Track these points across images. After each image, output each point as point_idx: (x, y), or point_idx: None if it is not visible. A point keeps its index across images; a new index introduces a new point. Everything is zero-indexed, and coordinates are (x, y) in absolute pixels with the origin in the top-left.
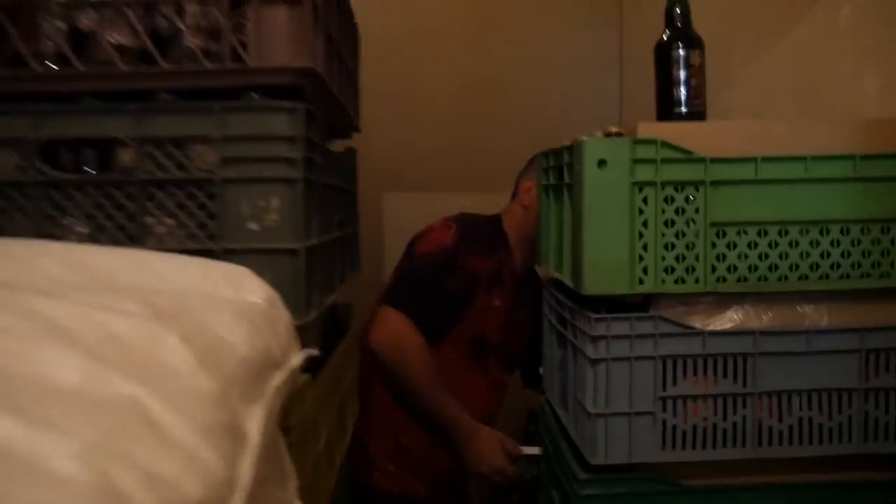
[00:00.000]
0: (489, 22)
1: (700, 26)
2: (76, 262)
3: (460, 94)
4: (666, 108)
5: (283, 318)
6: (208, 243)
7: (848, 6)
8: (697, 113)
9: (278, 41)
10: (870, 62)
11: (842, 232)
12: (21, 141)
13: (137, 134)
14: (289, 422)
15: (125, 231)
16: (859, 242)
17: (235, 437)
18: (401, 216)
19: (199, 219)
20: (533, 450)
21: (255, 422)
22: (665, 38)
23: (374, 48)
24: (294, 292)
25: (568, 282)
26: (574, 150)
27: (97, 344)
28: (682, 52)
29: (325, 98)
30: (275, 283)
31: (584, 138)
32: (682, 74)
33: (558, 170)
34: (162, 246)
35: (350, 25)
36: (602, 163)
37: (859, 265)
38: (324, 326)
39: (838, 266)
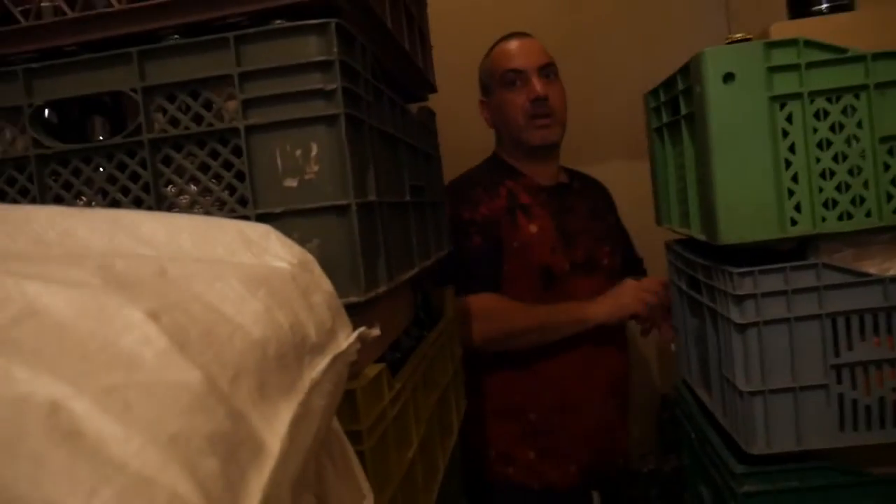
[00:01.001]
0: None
1: None
2: (44, 229)
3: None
4: (800, 6)
5: (322, 286)
6: (240, 209)
7: None
8: (842, 6)
9: None
10: None
11: None
12: (14, 110)
13: (142, 84)
14: (359, 424)
15: (143, 205)
16: None
17: (239, 449)
18: None
19: (227, 181)
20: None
21: (278, 426)
22: None
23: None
24: (349, 261)
25: (698, 234)
26: (691, 67)
27: (7, 324)
28: None
29: (371, 24)
30: (325, 251)
31: (705, 49)
32: None
33: (672, 103)
34: None
35: None
36: (729, 77)
37: None
38: (410, 312)
39: None
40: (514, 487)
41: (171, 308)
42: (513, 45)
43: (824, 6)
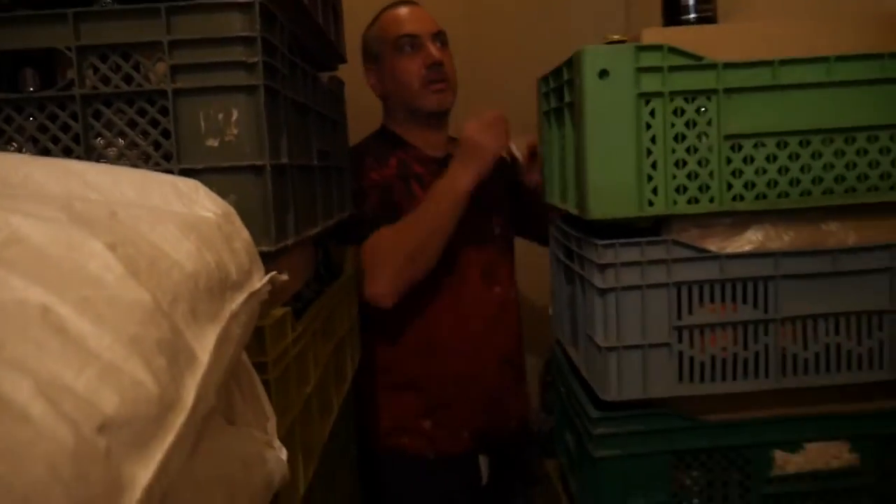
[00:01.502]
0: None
1: None
2: (8, 173)
3: (454, 25)
4: (672, 14)
5: (241, 235)
6: (164, 164)
7: None
8: (707, 18)
9: None
10: None
11: (869, 140)
12: None
13: (77, 43)
14: (266, 356)
15: (72, 154)
16: (889, 151)
17: (178, 355)
18: None
19: (153, 137)
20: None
21: (206, 343)
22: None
23: None
24: (262, 215)
25: (573, 209)
26: (573, 62)
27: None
28: None
29: (292, 9)
30: (240, 205)
31: (584, 47)
32: None
33: (558, 91)
34: None
35: None
36: (604, 73)
37: (889, 175)
38: (312, 265)
39: (866, 178)
40: (408, 458)
41: (124, 242)
42: (404, 10)
43: (692, 16)
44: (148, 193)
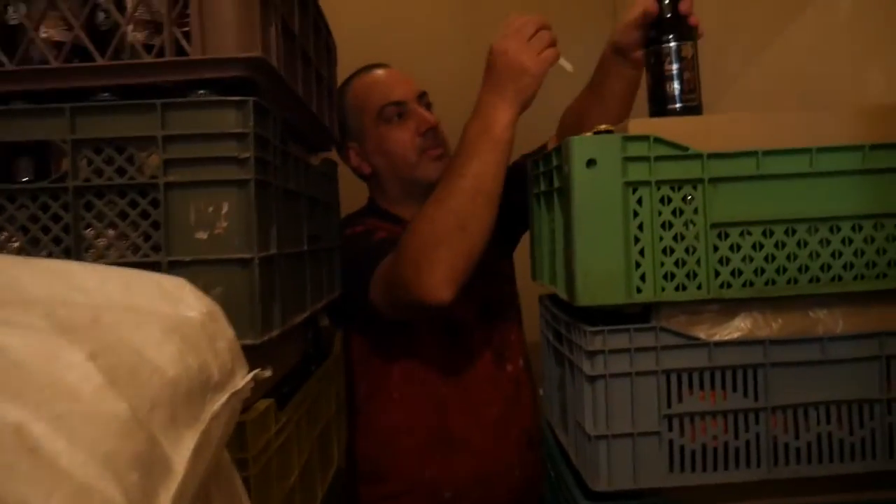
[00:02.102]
0: (477, 19)
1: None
2: None
3: (450, 97)
4: (658, 105)
5: (226, 334)
6: (153, 255)
7: (847, 1)
8: (692, 108)
9: (225, 30)
10: (871, 54)
11: (853, 229)
12: None
13: (73, 136)
14: (247, 453)
15: (61, 244)
16: (873, 240)
17: (153, 468)
18: None
19: (143, 229)
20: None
21: (183, 450)
22: (654, 30)
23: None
24: (248, 308)
25: (562, 294)
26: (562, 150)
27: None
28: (672, 44)
29: (284, 96)
30: (227, 297)
31: (572, 138)
32: (675, 68)
33: (548, 175)
34: (102, 260)
35: (320, 30)
36: (591, 162)
37: (874, 264)
38: (300, 349)
39: (851, 266)
40: None
41: (105, 350)
42: (380, 74)
43: (678, 106)
44: (133, 293)
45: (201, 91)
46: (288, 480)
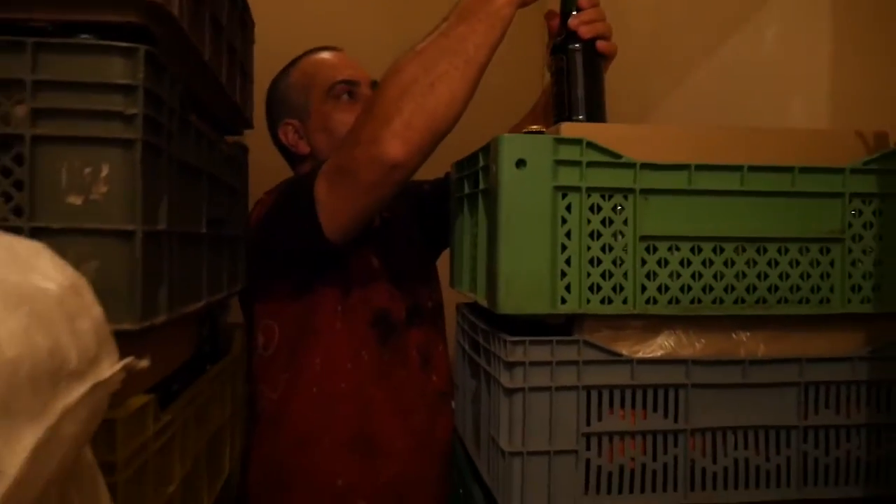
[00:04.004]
0: (405, 20)
1: (630, 44)
2: None
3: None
4: (560, 112)
5: (91, 312)
6: (12, 219)
7: (772, 30)
8: (596, 119)
9: None
10: (793, 83)
11: (780, 251)
12: None
13: None
14: (115, 456)
15: None
16: (798, 263)
17: None
18: None
19: (2, 188)
20: None
21: (19, 449)
22: (560, 40)
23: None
24: (126, 287)
25: (482, 301)
26: (490, 149)
27: None
28: (578, 54)
29: (186, 55)
30: (102, 274)
31: (501, 136)
32: (580, 78)
33: (473, 177)
34: None
35: (236, 1)
36: (521, 163)
37: (798, 288)
38: (193, 345)
39: (776, 289)
40: None
41: None
42: (332, 55)
43: (581, 116)
44: None
45: (85, 35)
46: (167, 488)
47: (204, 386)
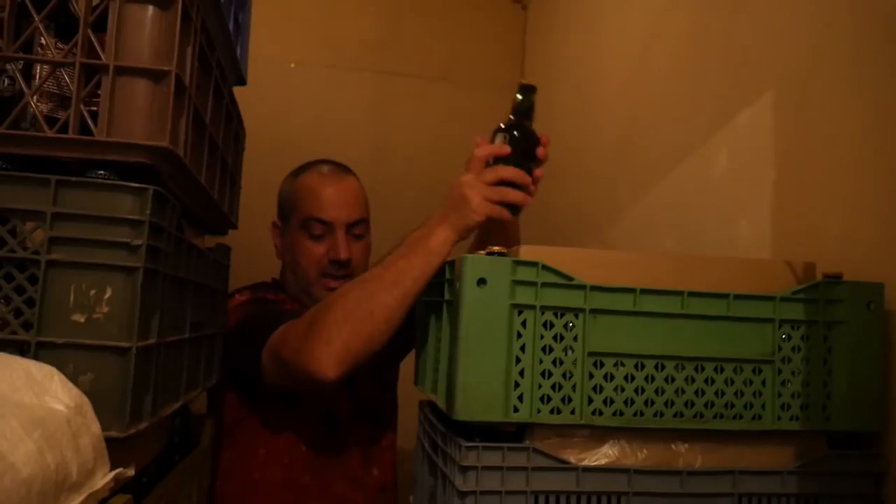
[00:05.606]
0: (384, 106)
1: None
2: None
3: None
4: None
5: (91, 429)
6: (21, 333)
7: (724, 155)
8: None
9: (135, 116)
10: (740, 208)
11: (716, 370)
12: None
13: None
14: None
15: None
16: (732, 382)
17: None
18: None
19: (15, 304)
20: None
21: None
22: (504, 125)
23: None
24: (118, 399)
25: (441, 405)
26: (456, 265)
27: None
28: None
29: (187, 183)
30: (97, 386)
31: (466, 256)
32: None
33: (440, 286)
34: None
35: (232, 119)
36: (482, 281)
37: (732, 405)
38: (165, 437)
39: (712, 405)
40: None
41: None
42: (328, 191)
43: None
44: None
45: (101, 172)
46: None
47: (173, 481)
